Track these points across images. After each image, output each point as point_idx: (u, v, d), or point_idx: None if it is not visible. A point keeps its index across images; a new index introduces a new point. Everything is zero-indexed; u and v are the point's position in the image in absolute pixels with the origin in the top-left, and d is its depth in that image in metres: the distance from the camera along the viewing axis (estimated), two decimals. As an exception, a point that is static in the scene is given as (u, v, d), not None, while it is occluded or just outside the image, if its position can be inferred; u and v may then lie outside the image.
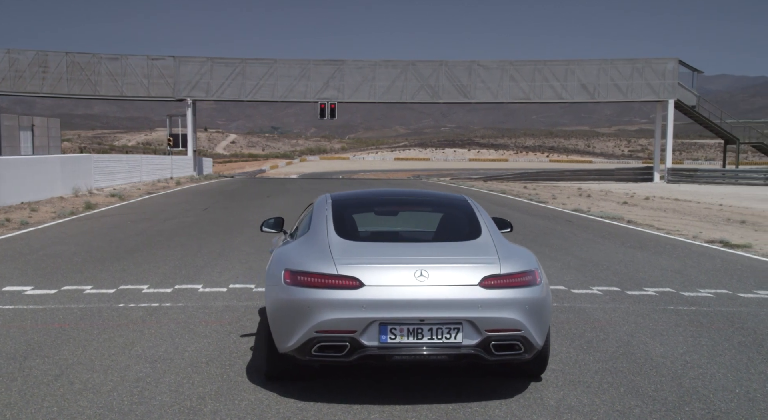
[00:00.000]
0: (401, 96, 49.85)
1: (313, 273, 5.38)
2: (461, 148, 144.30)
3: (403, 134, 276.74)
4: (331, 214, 6.12)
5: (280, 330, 5.51)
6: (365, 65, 49.90)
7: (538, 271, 5.50)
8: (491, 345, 5.19)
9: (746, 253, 13.15)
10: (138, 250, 13.22)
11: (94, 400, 5.47)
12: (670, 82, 48.85)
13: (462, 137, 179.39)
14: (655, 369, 6.03)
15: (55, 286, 9.75)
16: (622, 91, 49.47)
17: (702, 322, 7.72)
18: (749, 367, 6.11)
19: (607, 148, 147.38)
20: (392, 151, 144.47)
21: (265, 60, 50.98)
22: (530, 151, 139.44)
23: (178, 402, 5.44)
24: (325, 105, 48.39)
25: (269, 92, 50.51)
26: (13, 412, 5.25)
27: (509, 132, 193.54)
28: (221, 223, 17.89)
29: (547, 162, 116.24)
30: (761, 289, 9.65)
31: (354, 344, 5.20)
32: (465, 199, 6.65)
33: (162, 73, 50.43)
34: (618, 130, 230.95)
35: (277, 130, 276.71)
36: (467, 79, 49.25)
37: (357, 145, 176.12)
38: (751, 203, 27.27)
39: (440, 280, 5.24)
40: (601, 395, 5.42)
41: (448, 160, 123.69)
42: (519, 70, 49.49)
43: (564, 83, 49.21)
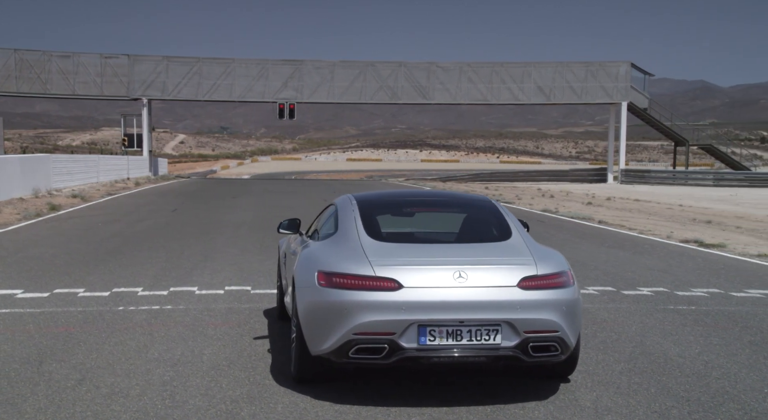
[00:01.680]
0: (360, 97, 49.87)
1: (349, 274, 5.35)
2: (413, 149, 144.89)
3: (354, 135, 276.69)
4: (359, 215, 6.09)
5: (315, 332, 5.46)
6: (324, 66, 49.79)
7: (570, 271, 5.57)
8: (529, 346, 5.21)
9: (723, 253, 13.51)
10: (119, 251, 12.99)
11: (126, 404, 5.38)
12: (623, 85, 49.84)
13: (413, 138, 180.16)
14: (678, 369, 6.14)
15: (45, 289, 9.54)
16: (576, 93, 50.30)
17: (706, 321, 7.90)
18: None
19: (556, 150, 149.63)
20: (344, 152, 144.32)
21: (222, 59, 50.47)
22: (481, 152, 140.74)
23: (213, 405, 5.38)
24: (284, 105, 48.12)
25: (227, 92, 50.03)
26: (46, 416, 5.14)
27: (460, 133, 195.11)
28: (195, 225, 17.67)
29: (497, 163, 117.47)
30: (750, 288, 9.92)
31: (393, 346, 5.18)
32: (489, 199, 6.69)
33: (116, 71, 49.51)
34: (565, 131, 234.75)
35: (227, 130, 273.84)
36: (426, 81, 49.51)
37: (309, 145, 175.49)
38: (709, 204, 28.00)
39: (479, 282, 5.25)
40: (634, 396, 5.48)
41: (400, 161, 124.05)
42: (477, 72, 49.94)
43: (521, 85, 49.83)
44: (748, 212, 23.53)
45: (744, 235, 16.66)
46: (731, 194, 35.01)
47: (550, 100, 50.91)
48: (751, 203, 28.38)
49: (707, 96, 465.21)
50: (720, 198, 31.98)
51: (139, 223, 17.97)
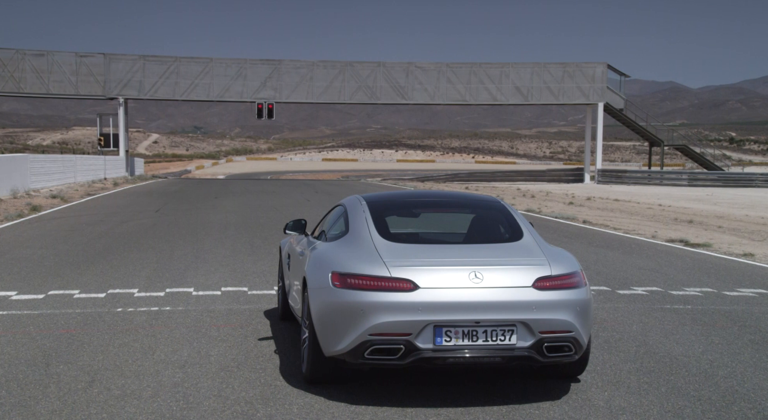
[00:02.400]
0: (339, 96, 49.83)
1: (364, 275, 5.36)
2: (389, 149, 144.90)
3: (329, 135, 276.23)
4: (371, 216, 6.10)
5: (329, 333, 5.46)
6: (303, 65, 49.67)
7: (582, 271, 5.63)
8: (544, 347, 5.24)
9: (709, 252, 13.69)
10: (108, 253, 12.89)
11: (140, 406, 5.37)
12: (599, 86, 50.29)
13: (389, 138, 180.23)
14: (685, 368, 6.22)
15: (39, 291, 9.46)
16: (554, 93, 50.67)
17: (705, 320, 8.01)
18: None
19: (530, 150, 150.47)
20: (320, 152, 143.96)
21: (200, 59, 50.16)
22: (456, 152, 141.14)
23: (228, 407, 5.37)
24: (263, 105, 47.92)
25: (205, 92, 49.73)
26: (61, 418, 5.11)
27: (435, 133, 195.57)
28: (181, 226, 17.56)
29: (473, 163, 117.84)
30: (742, 287, 10.07)
31: (409, 347, 5.20)
32: (498, 200, 6.74)
33: (91, 70, 48.99)
34: (539, 131, 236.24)
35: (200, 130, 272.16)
36: (405, 81, 49.59)
37: (284, 145, 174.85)
38: (687, 203, 28.35)
39: (494, 282, 5.28)
40: (645, 396, 5.53)
41: (376, 161, 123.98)
42: (455, 72, 50.11)
43: (499, 85, 50.09)
44: (727, 212, 23.86)
45: (726, 234, 16.90)
46: (707, 194, 35.48)
47: (527, 101, 51.23)
48: (728, 203, 28.78)
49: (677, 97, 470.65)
50: (697, 198, 32.39)
51: (123, 224, 17.82)
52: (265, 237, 15.36)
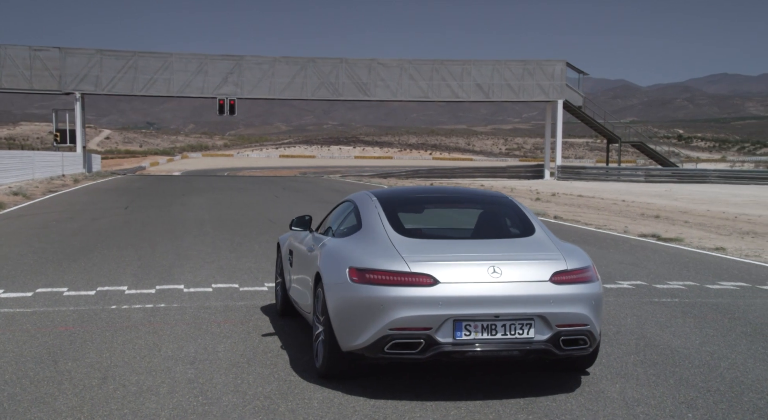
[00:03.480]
0: (302, 93, 49.67)
1: (384, 271, 5.41)
2: (346, 145, 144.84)
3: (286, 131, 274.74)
4: (383, 212, 6.15)
5: (347, 328, 5.51)
6: (265, 61, 49.38)
7: (594, 266, 5.77)
8: (561, 340, 5.34)
9: (682, 246, 14.04)
10: (87, 250, 12.74)
11: (160, 402, 5.37)
12: (558, 84, 50.97)
13: (346, 135, 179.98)
14: (687, 360, 6.38)
15: (27, 289, 9.34)
16: (514, 91, 51.20)
17: (694, 313, 8.23)
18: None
19: (486, 147, 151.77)
20: (277, 148, 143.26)
21: (159, 53, 49.56)
22: (414, 149, 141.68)
23: (248, 402, 5.39)
24: (224, 101, 47.49)
25: (164, 87, 49.12)
26: (83, 414, 5.10)
27: (392, 130, 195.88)
28: (155, 223, 17.39)
29: (430, 159, 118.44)
30: (722, 280, 10.37)
31: (429, 341, 5.26)
32: (507, 196, 6.85)
33: (46, 65, 48.03)
34: (494, 128, 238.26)
35: (153, 126, 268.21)
36: (367, 77, 49.63)
37: (240, 141, 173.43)
38: (649, 199, 28.95)
39: (513, 277, 5.36)
40: (656, 388, 5.67)
41: (334, 158, 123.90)
42: (418, 69, 50.32)
43: (460, 83, 50.43)
44: (689, 207, 24.44)
45: (694, 229, 17.33)
46: (666, 190, 36.26)
47: (489, 98, 51.69)
48: (687, 199, 29.47)
49: (627, 95, 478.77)
50: (657, 193, 33.07)
51: (95, 222, 17.58)
52: (245, 234, 15.30)
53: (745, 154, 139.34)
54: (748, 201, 28.01)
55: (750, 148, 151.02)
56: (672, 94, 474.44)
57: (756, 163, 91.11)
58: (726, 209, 23.50)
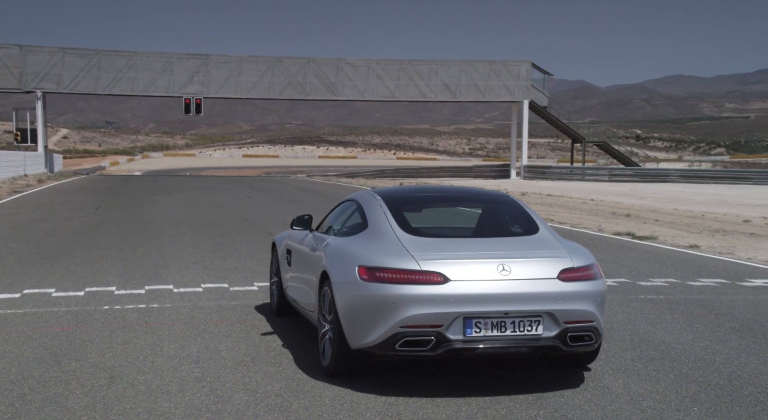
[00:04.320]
0: (269, 92, 49.45)
1: (394, 269, 5.47)
2: (310, 145, 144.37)
3: (248, 131, 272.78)
4: (389, 211, 6.21)
5: (357, 326, 5.56)
6: (231, 60, 49.07)
7: (597, 264, 5.90)
8: (568, 336, 5.45)
9: (657, 244, 14.33)
10: (66, 251, 12.61)
11: (172, 400, 5.38)
12: (524, 84, 51.48)
13: (310, 134, 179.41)
14: (683, 355, 6.54)
15: (13, 290, 9.26)
16: (481, 91, 51.59)
17: (681, 309, 8.42)
18: (763, 351, 6.70)
19: (450, 146, 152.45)
20: (240, 148, 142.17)
21: (123, 52, 48.96)
22: (378, 148, 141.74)
23: (260, 400, 5.42)
24: (190, 100, 47.07)
25: (129, 86, 48.53)
26: (97, 413, 5.10)
27: (356, 130, 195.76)
28: (130, 223, 17.24)
29: (394, 159, 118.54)
30: (701, 277, 10.62)
31: (439, 338, 5.33)
32: (509, 195, 6.96)
33: (5, 62, 47.17)
34: (457, 128, 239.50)
35: (112, 125, 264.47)
36: (335, 77, 49.60)
37: (202, 141, 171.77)
38: (616, 198, 29.41)
39: (522, 274, 5.45)
40: (658, 383, 5.79)
41: (298, 158, 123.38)
42: (385, 69, 50.42)
43: (428, 83, 50.67)
44: (656, 206, 24.90)
45: (665, 227, 17.69)
46: (631, 189, 36.84)
47: (456, 98, 52.01)
48: (653, 198, 29.99)
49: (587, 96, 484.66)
50: (623, 193, 33.59)
51: (68, 222, 17.36)
52: (224, 234, 15.24)
53: (700, 154, 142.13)
54: (712, 200, 28.63)
55: (705, 148, 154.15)
56: (630, 94, 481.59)
57: (713, 163, 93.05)
58: (692, 208, 23.99)
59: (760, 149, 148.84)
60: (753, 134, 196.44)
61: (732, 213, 21.92)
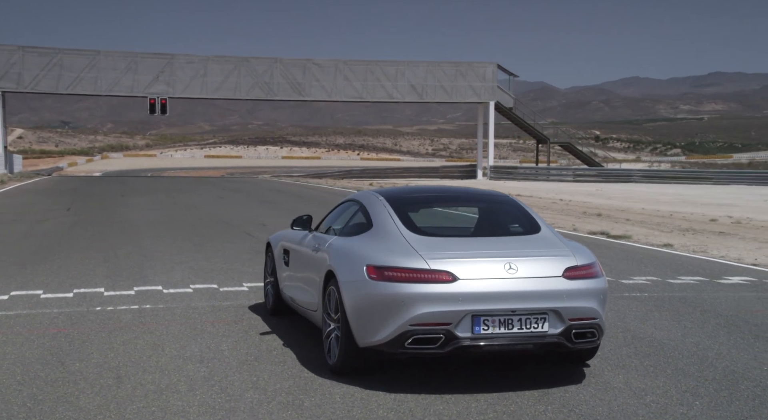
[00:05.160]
0: (235, 92, 49.17)
1: (403, 268, 5.55)
2: (273, 145, 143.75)
3: (209, 131, 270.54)
4: (394, 211, 6.29)
5: (366, 324, 5.63)
6: (197, 60, 48.69)
7: (598, 262, 6.06)
8: (572, 333, 5.58)
9: (632, 243, 14.62)
10: (47, 252, 12.51)
11: (185, 399, 5.42)
12: (490, 85, 51.92)
13: (273, 135, 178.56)
14: (677, 351, 6.72)
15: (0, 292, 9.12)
16: (447, 92, 51.92)
17: (667, 307, 8.63)
18: (751, 346, 6.92)
19: (413, 147, 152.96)
20: (202, 149, 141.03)
21: (86, 51, 48.24)
22: (341, 149, 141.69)
23: (271, 397, 5.48)
24: (155, 100, 46.58)
25: (91, 85, 47.85)
26: (110, 412, 5.13)
27: (319, 130, 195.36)
28: (105, 224, 17.09)
29: (358, 160, 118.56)
30: (681, 275, 10.87)
31: (448, 336, 5.43)
32: (507, 195, 7.09)
33: (-37, 62, 46.16)
34: (419, 129, 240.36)
35: (68, 125, 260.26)
36: (302, 77, 49.50)
37: (163, 141, 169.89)
38: (584, 198, 29.84)
39: (528, 273, 5.57)
40: (657, 378, 5.95)
41: (261, 158, 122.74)
42: (352, 70, 50.46)
43: (395, 83, 50.83)
44: (625, 206, 25.35)
45: (637, 226, 18.04)
46: (596, 189, 37.40)
47: (422, 99, 52.27)
48: (620, 197, 30.50)
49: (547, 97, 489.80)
50: (590, 193, 34.09)
51: (42, 224, 17.14)
52: (203, 235, 15.19)
53: (657, 154, 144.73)
54: (676, 199, 29.21)
55: (661, 148, 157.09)
56: (589, 96, 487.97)
57: (672, 163, 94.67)
58: (659, 207, 24.47)
59: (714, 150, 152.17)
60: (707, 135, 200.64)
61: (698, 212, 22.42)
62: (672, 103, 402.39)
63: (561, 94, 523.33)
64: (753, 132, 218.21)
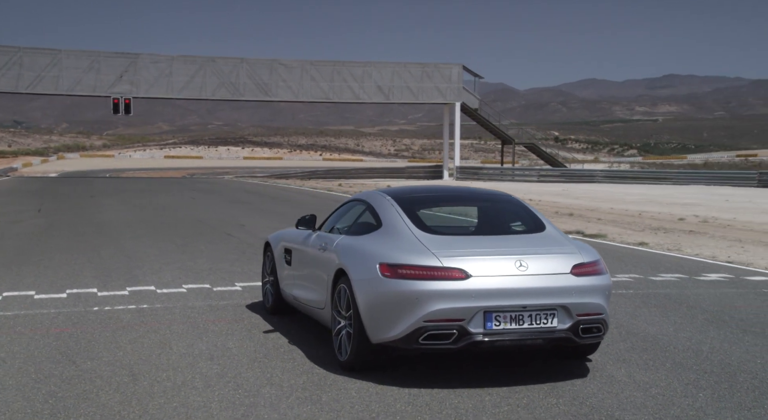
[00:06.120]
0: (201, 92, 48.83)
1: (417, 266, 5.70)
2: (234, 146, 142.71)
3: (169, 131, 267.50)
4: (402, 211, 6.43)
5: (379, 321, 5.76)
6: (162, 59, 48.25)
7: (602, 259, 6.27)
8: (580, 328, 5.78)
9: (608, 242, 14.94)
10: (29, 253, 12.43)
11: (204, 395, 5.49)
12: (455, 86, 52.34)
13: (234, 135, 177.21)
14: (671, 345, 6.95)
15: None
16: (413, 93, 52.20)
17: (654, 303, 8.89)
18: (741, 340, 7.17)
19: (375, 148, 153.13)
20: (161, 149, 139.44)
21: (47, 50, 47.49)
22: (303, 149, 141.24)
23: (288, 393, 5.57)
24: (119, 100, 46.02)
25: (53, 85, 47.14)
26: (132, 408, 5.18)
27: (281, 130, 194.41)
28: (81, 225, 16.95)
29: (320, 160, 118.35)
30: (661, 272, 11.17)
31: (461, 332, 5.59)
32: (511, 195, 7.28)
33: None
34: (381, 130, 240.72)
35: (21, 125, 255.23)
36: (269, 78, 49.35)
37: (121, 142, 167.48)
38: (553, 198, 30.28)
39: (538, 270, 5.75)
40: (658, 371, 6.15)
41: (222, 159, 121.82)
42: (319, 70, 50.46)
43: (361, 84, 50.96)
44: (594, 205, 25.81)
45: (609, 225, 18.43)
46: (563, 189, 37.95)
47: (389, 100, 52.48)
48: (587, 197, 31.01)
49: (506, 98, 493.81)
50: (557, 193, 34.58)
51: (16, 225, 16.94)
52: (183, 236, 15.15)
53: (615, 155, 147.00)
54: (642, 199, 29.80)
55: (619, 149, 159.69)
56: (547, 97, 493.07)
57: (631, 164, 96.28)
58: (627, 207, 24.97)
59: (668, 151, 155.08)
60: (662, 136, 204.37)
61: (665, 212, 22.94)
62: (628, 104, 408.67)
63: (520, 96, 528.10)
64: (705, 133, 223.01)
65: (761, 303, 9.08)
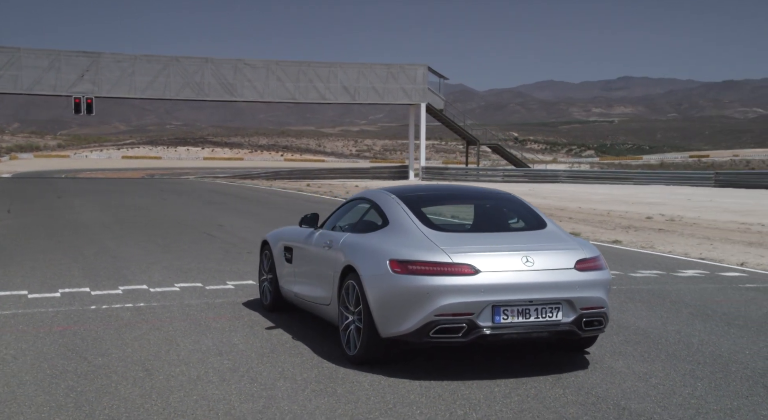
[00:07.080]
0: (164, 92, 48.39)
1: (427, 262, 5.88)
2: (194, 146, 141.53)
3: (126, 131, 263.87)
4: (408, 209, 6.61)
5: (390, 316, 5.94)
6: (124, 59, 47.71)
7: (602, 255, 6.52)
8: (583, 322, 6.01)
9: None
10: (10, 254, 12.40)
11: (221, 388, 5.61)
12: (421, 87, 52.67)
13: (193, 135, 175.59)
14: (663, 338, 7.21)
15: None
16: (379, 93, 52.40)
17: (639, 298, 9.19)
18: (727, 333, 7.46)
19: (337, 148, 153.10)
20: (119, 149, 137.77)
21: (6, 48, 46.66)
22: (264, 150, 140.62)
23: (303, 386, 5.70)
24: (81, 100, 45.36)
25: (11, 84, 46.27)
26: (153, 401, 5.27)
27: (241, 131, 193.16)
28: (57, 226, 16.84)
29: (282, 161, 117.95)
30: (640, 269, 11.50)
31: (471, 325, 5.79)
32: (511, 193, 7.50)
33: None
34: (342, 130, 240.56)
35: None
36: (233, 77, 49.11)
37: (76, 142, 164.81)
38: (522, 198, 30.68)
39: (544, 265, 5.98)
40: (655, 362, 6.40)
41: (182, 159, 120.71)
42: (285, 71, 50.37)
43: (327, 85, 50.99)
44: (563, 205, 26.24)
45: (581, 224, 18.82)
46: (529, 189, 38.40)
47: (355, 100, 52.59)
48: (554, 197, 31.51)
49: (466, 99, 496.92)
50: (525, 192, 34.82)
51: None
52: (163, 236, 15.14)
53: (573, 155, 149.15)
54: (607, 198, 30.38)
55: (576, 150, 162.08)
56: (506, 98, 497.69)
57: (591, 165, 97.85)
58: (594, 206, 25.46)
59: (624, 151, 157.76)
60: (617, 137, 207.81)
61: (632, 211, 23.47)
62: (584, 106, 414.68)
63: (480, 97, 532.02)
64: (659, 134, 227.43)
65: (740, 297, 9.44)
